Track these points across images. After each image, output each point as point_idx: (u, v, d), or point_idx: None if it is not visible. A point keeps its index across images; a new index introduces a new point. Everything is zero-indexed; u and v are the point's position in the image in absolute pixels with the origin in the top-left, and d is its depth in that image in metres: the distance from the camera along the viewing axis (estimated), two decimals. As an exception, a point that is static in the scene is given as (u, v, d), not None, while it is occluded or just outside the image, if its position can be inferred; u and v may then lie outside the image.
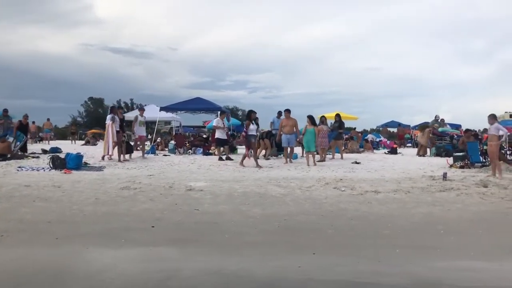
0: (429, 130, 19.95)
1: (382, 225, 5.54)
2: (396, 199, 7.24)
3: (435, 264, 4.18)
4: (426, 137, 19.76)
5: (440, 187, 8.33)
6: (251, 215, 6.00)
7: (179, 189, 7.78)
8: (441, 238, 5.02)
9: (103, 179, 8.97)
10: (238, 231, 5.18)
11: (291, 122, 13.95)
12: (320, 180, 9.16)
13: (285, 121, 13.92)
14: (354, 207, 6.60)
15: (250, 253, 4.44)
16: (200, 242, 4.80)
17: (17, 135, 15.58)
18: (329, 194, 7.57)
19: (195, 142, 20.13)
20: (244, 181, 8.98)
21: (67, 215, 5.87)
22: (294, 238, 4.99)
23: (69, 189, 7.62)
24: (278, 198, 7.18)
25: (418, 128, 24.77)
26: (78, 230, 5.14)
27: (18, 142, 15.43)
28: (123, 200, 6.84)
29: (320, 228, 5.37)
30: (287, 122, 13.88)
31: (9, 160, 12.57)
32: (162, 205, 6.50)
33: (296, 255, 4.40)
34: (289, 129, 13.68)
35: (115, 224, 5.43)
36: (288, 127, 13.67)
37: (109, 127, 13.17)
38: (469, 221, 5.83)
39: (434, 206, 6.73)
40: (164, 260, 4.30)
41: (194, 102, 20.92)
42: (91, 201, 6.73)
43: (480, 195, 7.56)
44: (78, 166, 10.94)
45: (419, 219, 5.93)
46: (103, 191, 7.53)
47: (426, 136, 19.74)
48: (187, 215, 5.97)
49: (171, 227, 5.38)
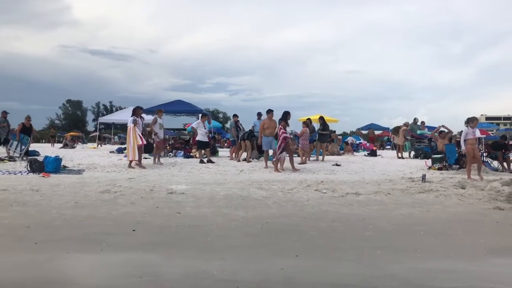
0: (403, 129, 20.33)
1: (363, 227, 5.59)
2: (376, 200, 7.32)
3: (416, 265, 4.22)
4: (401, 136, 20.13)
5: (419, 188, 8.47)
6: (234, 218, 5.99)
7: (160, 192, 7.72)
8: (422, 239, 5.08)
9: (83, 182, 8.86)
10: (221, 234, 5.15)
11: (273, 124, 13.40)
12: (302, 182, 9.21)
13: (267, 122, 13.34)
14: (335, 209, 6.65)
15: (233, 256, 4.41)
16: (182, 245, 4.75)
17: (21, 138, 15.00)
18: (311, 196, 7.61)
19: (176, 145, 20.05)
20: (226, 183, 8.97)
21: (46, 219, 5.75)
22: (276, 241, 4.99)
23: (48, 193, 7.49)
24: (260, 200, 7.18)
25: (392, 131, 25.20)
26: (57, 235, 5.04)
27: (23, 146, 14.86)
28: (104, 203, 6.75)
29: (302, 230, 5.38)
30: (269, 123, 13.32)
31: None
32: (143, 209, 6.43)
33: (278, 257, 4.40)
34: (271, 131, 13.14)
35: (95, 228, 5.34)
36: (271, 129, 13.15)
37: (130, 130, 12.53)
38: (448, 222, 5.92)
39: (414, 207, 6.82)
40: (146, 264, 4.25)
41: (174, 104, 20.84)
42: (71, 204, 6.62)
43: (458, 196, 7.70)
44: (57, 170, 10.79)
45: (399, 220, 6.00)
46: (83, 194, 7.42)
47: (401, 136, 20.12)
48: (168, 218, 5.92)
49: (153, 230, 5.32)
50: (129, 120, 12.94)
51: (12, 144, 15.02)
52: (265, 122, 13.37)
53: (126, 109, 32.92)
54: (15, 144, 14.85)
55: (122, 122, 35.31)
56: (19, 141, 14.80)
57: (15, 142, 14.88)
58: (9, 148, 15.13)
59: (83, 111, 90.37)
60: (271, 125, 13.29)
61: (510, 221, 6.05)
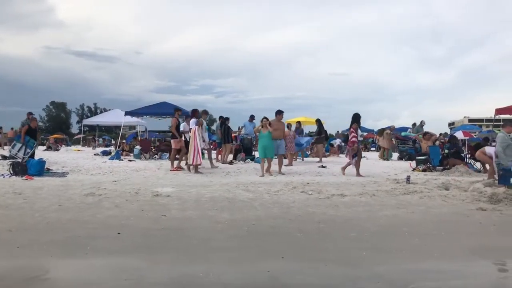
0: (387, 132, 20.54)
1: (349, 228, 5.62)
2: (362, 202, 7.37)
3: (401, 266, 4.27)
4: (387, 139, 20.34)
5: (404, 190, 8.54)
6: (220, 220, 5.97)
7: (145, 195, 7.66)
8: (406, 240, 5.13)
9: (67, 185, 8.75)
10: (206, 237, 5.13)
11: (281, 126, 12.45)
12: (288, 184, 9.23)
13: (275, 124, 12.04)
14: (321, 210, 6.67)
15: (219, 258, 4.40)
16: (167, 248, 4.72)
17: (26, 140, 13.80)
18: (297, 198, 7.63)
19: (161, 147, 19.92)
20: (211, 186, 8.94)
21: (29, 223, 5.67)
22: (262, 243, 4.99)
23: (31, 196, 7.38)
24: (246, 202, 7.17)
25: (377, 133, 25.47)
26: (41, 238, 4.97)
27: (29, 149, 13.61)
28: (88, 206, 6.68)
29: (288, 232, 5.39)
30: (278, 125, 12.19)
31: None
32: (128, 212, 6.38)
33: (264, 259, 4.40)
34: (279, 133, 12.13)
35: (79, 231, 5.28)
36: (279, 132, 12.11)
37: (195, 133, 11.70)
38: (432, 223, 5.99)
39: (399, 208, 6.88)
40: (131, 267, 4.22)
41: (160, 106, 20.67)
42: (54, 208, 6.53)
43: (442, 198, 7.79)
44: (40, 172, 10.64)
45: (384, 221, 6.05)
46: (67, 197, 7.33)
47: (387, 139, 20.32)
48: (154, 221, 5.87)
49: (138, 233, 5.27)
50: (191, 122, 12.28)
51: (15, 145, 13.90)
52: (273, 124, 11.98)
53: (111, 111, 32.65)
54: (18, 146, 13.68)
55: (107, 124, 35.08)
56: (23, 143, 13.62)
57: (18, 144, 13.73)
58: (10, 150, 14.21)
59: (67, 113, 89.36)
60: (280, 127, 12.28)
61: (492, 221, 6.15)
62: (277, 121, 12.32)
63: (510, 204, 7.18)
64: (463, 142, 23.16)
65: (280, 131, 12.19)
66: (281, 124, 12.36)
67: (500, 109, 14.82)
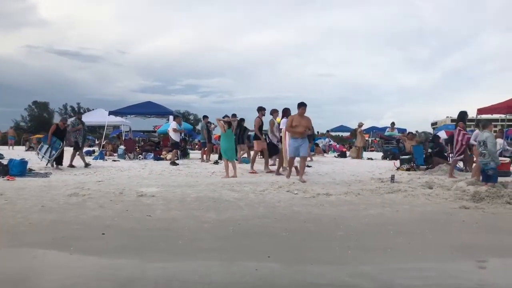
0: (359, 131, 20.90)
1: (334, 227, 5.64)
2: (347, 201, 7.41)
3: (386, 264, 4.30)
4: (361, 138, 20.70)
5: (388, 189, 8.62)
6: (205, 220, 5.95)
7: (130, 195, 7.60)
8: (391, 239, 5.17)
9: (49, 185, 8.63)
10: (193, 237, 5.10)
11: (304, 121, 10.19)
12: (274, 183, 9.24)
13: (297, 119, 10.11)
14: (307, 210, 6.69)
15: (205, 259, 4.38)
16: (152, 249, 4.68)
17: (53, 142, 12.78)
18: (282, 197, 7.64)
19: (145, 147, 19.81)
20: (197, 186, 8.91)
21: (11, 224, 5.56)
22: (248, 243, 4.99)
23: (13, 197, 7.26)
24: (232, 202, 7.16)
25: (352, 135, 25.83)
26: (23, 240, 4.89)
27: (54, 151, 12.70)
28: (71, 207, 6.59)
29: (274, 232, 5.39)
30: (300, 121, 10.12)
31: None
32: (112, 212, 6.31)
33: (251, 259, 4.40)
34: (301, 130, 10.09)
35: (63, 232, 5.20)
36: (300, 128, 10.08)
37: (286, 134, 10.75)
38: (416, 222, 6.05)
39: (384, 207, 6.94)
40: (116, 268, 4.18)
41: (144, 106, 20.56)
42: (37, 209, 6.42)
43: (425, 196, 7.88)
44: (22, 173, 10.48)
45: (369, 220, 6.09)
46: (50, 198, 7.23)
47: (361, 136, 20.70)
48: (139, 221, 5.82)
49: (123, 234, 5.22)
50: (282, 122, 11.28)
51: (42, 147, 13.00)
52: (295, 118, 10.15)
53: (94, 111, 32.34)
54: (44, 148, 12.79)
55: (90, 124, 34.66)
56: (50, 144, 12.68)
57: (45, 146, 12.81)
58: (38, 152, 13.33)
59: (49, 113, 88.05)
60: (302, 122, 10.12)
61: (475, 219, 6.24)
62: (299, 116, 10.21)
63: (492, 202, 7.29)
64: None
65: (302, 127, 10.07)
66: (304, 120, 10.19)
67: (481, 109, 15.09)
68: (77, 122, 14.49)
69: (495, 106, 14.82)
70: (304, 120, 10.12)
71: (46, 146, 12.72)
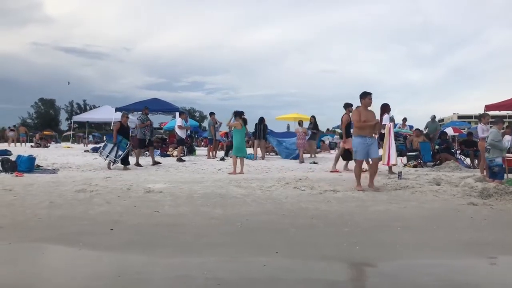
0: None
1: (342, 223, 5.63)
2: (354, 197, 7.40)
3: (394, 260, 4.30)
4: None
5: (395, 185, 8.58)
6: (213, 216, 5.96)
7: (137, 191, 7.63)
8: (399, 235, 5.16)
9: (58, 181, 8.68)
10: (200, 233, 5.12)
11: (371, 115, 8.33)
12: (280, 180, 9.24)
13: (364, 113, 8.23)
14: (314, 206, 6.68)
15: (213, 254, 4.39)
16: (160, 245, 4.70)
17: (118, 140, 11.99)
18: (289, 194, 7.64)
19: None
20: (204, 182, 8.93)
21: (19, 219, 5.61)
22: (256, 238, 4.99)
23: (22, 193, 7.31)
24: (239, 198, 7.16)
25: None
26: (32, 235, 4.92)
27: (121, 151, 11.88)
28: (79, 203, 6.63)
29: (282, 228, 5.39)
30: (367, 115, 8.24)
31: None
32: (120, 208, 6.34)
33: (259, 255, 4.40)
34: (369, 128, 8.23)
35: (71, 228, 5.24)
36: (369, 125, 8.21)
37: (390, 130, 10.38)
38: (423, 218, 6.02)
39: (391, 203, 6.92)
40: (124, 264, 4.20)
41: (151, 102, 20.59)
42: (45, 204, 6.47)
43: (433, 193, 7.84)
44: (30, 169, 10.55)
45: (377, 216, 6.08)
46: (58, 194, 7.27)
47: None
48: (146, 217, 5.85)
49: (130, 230, 5.25)
50: (385, 118, 10.78)
51: (106, 146, 12.09)
52: (362, 112, 8.23)
53: (101, 108, 32.40)
54: (109, 147, 11.90)
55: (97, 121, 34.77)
56: (115, 143, 11.87)
57: (110, 144, 11.97)
58: (101, 151, 12.32)
59: (56, 110, 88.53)
60: (369, 117, 8.23)
61: (483, 216, 6.20)
62: (364, 108, 8.35)
63: (500, 198, 7.25)
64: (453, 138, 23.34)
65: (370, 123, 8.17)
66: (370, 114, 8.32)
67: (489, 105, 14.98)
68: (146, 118, 13.76)
69: (503, 102, 14.71)
70: (370, 115, 8.32)
71: (111, 145, 11.96)
